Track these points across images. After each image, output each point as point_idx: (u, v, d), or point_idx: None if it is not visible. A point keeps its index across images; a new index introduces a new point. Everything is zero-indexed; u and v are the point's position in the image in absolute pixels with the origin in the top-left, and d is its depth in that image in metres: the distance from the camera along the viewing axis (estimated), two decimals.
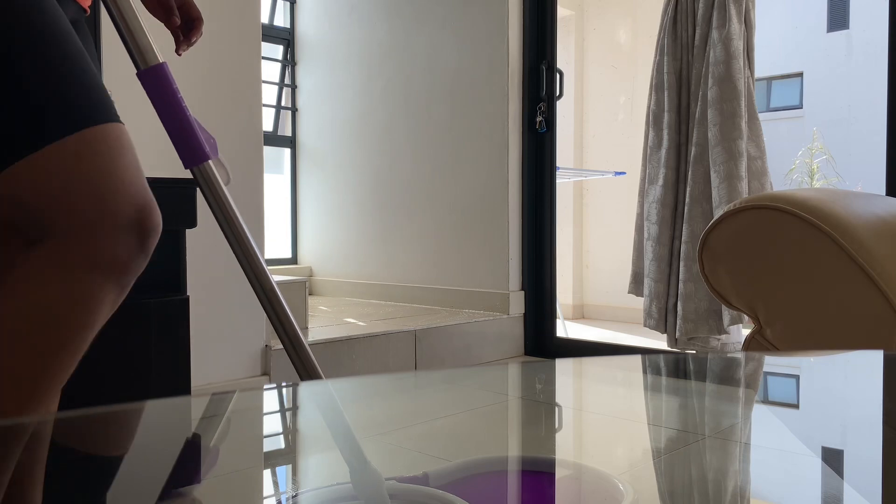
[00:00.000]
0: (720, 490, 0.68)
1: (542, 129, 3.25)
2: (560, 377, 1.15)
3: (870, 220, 1.23)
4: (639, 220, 3.11)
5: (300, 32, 4.22)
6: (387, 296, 3.73)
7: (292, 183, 4.26)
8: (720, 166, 2.75)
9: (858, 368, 1.04)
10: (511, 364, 2.93)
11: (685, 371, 1.04)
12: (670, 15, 2.95)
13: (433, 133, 3.56)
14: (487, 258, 3.36)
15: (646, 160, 3.06)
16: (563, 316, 3.83)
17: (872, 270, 1.14)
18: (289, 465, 0.78)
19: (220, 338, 2.36)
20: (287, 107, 4.25)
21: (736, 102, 2.76)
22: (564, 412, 0.98)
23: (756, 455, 0.78)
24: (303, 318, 2.93)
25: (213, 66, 2.35)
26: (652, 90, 3.01)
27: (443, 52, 3.50)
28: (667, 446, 0.80)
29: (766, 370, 1.08)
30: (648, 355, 2.71)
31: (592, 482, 0.71)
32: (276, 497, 0.69)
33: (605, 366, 1.31)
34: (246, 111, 2.43)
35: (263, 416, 0.88)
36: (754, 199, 1.26)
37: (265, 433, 0.84)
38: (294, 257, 4.26)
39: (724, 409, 0.96)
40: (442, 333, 2.98)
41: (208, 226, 2.33)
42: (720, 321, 2.83)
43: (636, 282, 3.11)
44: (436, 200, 3.56)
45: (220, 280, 2.36)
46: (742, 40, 2.81)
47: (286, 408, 0.92)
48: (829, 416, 0.88)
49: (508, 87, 3.26)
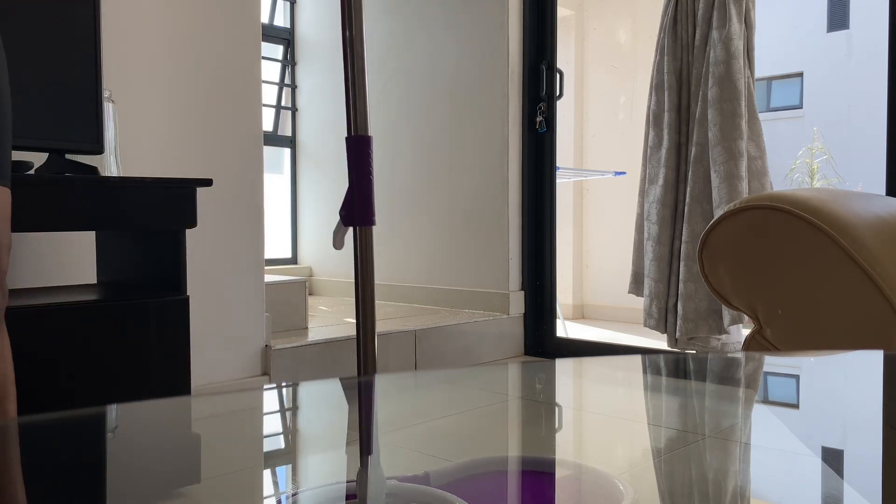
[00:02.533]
0: (720, 490, 0.68)
1: (542, 129, 3.25)
2: (560, 377, 1.15)
3: (870, 220, 1.23)
4: (639, 219, 3.11)
5: (300, 32, 4.22)
6: (387, 296, 3.73)
7: (292, 183, 4.26)
8: (720, 166, 2.75)
9: (858, 368, 1.04)
10: (511, 364, 2.93)
11: (685, 371, 1.04)
12: (670, 15, 2.95)
13: (433, 133, 3.56)
14: (487, 258, 3.36)
15: (646, 160, 3.06)
16: (563, 316, 3.83)
17: (872, 270, 1.14)
18: (289, 464, 0.78)
19: (220, 338, 2.36)
20: (287, 107, 4.25)
21: (736, 102, 2.76)
22: (564, 412, 0.98)
23: (756, 455, 0.78)
24: (303, 318, 2.93)
25: (213, 66, 2.35)
26: (652, 90, 3.01)
27: (443, 52, 3.50)
28: (667, 446, 0.80)
29: (766, 370, 1.08)
30: (648, 355, 2.71)
31: (592, 482, 0.71)
32: (275, 497, 0.69)
33: (605, 366, 1.31)
34: (246, 111, 2.43)
35: (263, 416, 0.88)
36: (754, 199, 1.26)
37: (265, 433, 0.84)
38: (294, 257, 4.26)
39: (724, 409, 0.96)
40: (442, 333, 2.98)
41: (208, 226, 2.33)
42: (720, 321, 2.83)
43: (636, 282, 3.11)
44: (436, 200, 3.56)
45: (220, 280, 2.36)
46: (742, 40, 2.81)
47: (286, 408, 0.92)
48: (829, 416, 0.88)
49: (508, 87, 3.26)
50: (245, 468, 0.72)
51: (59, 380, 1.52)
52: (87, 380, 1.56)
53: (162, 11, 2.24)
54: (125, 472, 0.69)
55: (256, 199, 2.45)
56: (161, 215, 1.66)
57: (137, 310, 1.62)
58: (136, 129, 2.19)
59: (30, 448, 0.66)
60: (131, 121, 2.17)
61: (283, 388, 1.46)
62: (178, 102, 2.28)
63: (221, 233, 2.37)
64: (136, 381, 1.62)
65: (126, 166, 2.13)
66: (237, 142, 2.40)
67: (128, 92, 2.17)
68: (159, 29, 2.24)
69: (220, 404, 0.97)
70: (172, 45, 2.27)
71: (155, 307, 1.64)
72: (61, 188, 1.53)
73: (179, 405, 0.99)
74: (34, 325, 1.47)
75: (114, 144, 1.81)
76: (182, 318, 1.68)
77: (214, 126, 2.36)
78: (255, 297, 2.45)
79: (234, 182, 2.40)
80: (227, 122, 2.38)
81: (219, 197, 2.35)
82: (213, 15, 2.35)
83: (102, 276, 1.96)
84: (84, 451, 0.71)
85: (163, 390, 1.64)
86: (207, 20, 2.34)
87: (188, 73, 2.30)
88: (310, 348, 2.58)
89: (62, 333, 1.52)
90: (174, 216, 1.68)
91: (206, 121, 2.34)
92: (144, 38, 2.21)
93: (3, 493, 0.64)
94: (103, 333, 1.57)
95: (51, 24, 1.62)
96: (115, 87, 2.12)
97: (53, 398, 1.50)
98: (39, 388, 1.48)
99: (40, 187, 1.50)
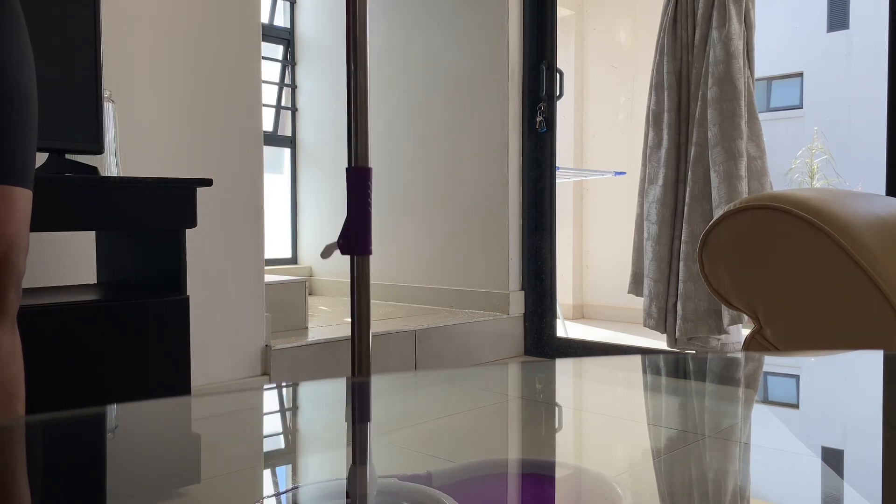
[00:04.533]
0: (720, 490, 0.68)
1: (542, 129, 3.25)
2: (560, 377, 1.15)
3: (870, 220, 1.23)
4: (639, 219, 3.11)
5: (300, 32, 4.22)
6: (387, 296, 3.73)
7: (292, 183, 4.26)
8: (720, 166, 2.75)
9: (858, 368, 1.04)
10: (511, 364, 2.93)
11: (685, 371, 1.04)
12: (670, 15, 2.95)
13: (433, 133, 3.56)
14: (487, 258, 3.36)
15: (646, 160, 3.06)
16: (563, 316, 3.83)
17: (872, 270, 1.14)
18: (289, 464, 0.78)
19: (220, 338, 2.36)
20: (287, 107, 4.25)
21: (736, 102, 2.76)
22: (564, 412, 0.98)
23: (756, 455, 0.78)
24: (303, 318, 2.93)
25: (213, 66, 2.35)
26: (652, 90, 3.01)
27: (443, 52, 3.50)
28: (667, 446, 0.80)
29: (766, 370, 1.08)
30: (648, 355, 2.71)
31: (590, 485, 0.71)
32: (274, 497, 0.69)
33: (605, 366, 1.31)
34: (246, 111, 2.43)
35: (263, 416, 0.88)
36: (754, 198, 1.26)
37: (265, 433, 0.84)
38: (294, 257, 4.26)
39: (724, 409, 0.96)
40: (442, 333, 2.98)
41: (208, 226, 2.33)
42: (720, 321, 2.83)
43: (636, 282, 3.11)
44: (436, 200, 3.56)
45: (220, 280, 2.36)
46: (742, 40, 2.81)
47: (286, 408, 0.92)
48: (829, 416, 0.88)
49: (508, 87, 3.26)
50: (245, 468, 0.72)
51: (59, 380, 1.52)
52: (87, 380, 1.56)
53: (162, 11, 2.24)
54: (125, 472, 0.69)
55: (256, 199, 2.45)
56: (161, 215, 1.66)
57: (137, 310, 1.62)
58: (136, 129, 2.19)
59: (30, 448, 0.66)
60: (131, 121, 2.17)
61: (283, 388, 1.46)
62: (178, 102, 2.28)
63: (221, 233, 2.37)
64: (136, 381, 1.62)
65: (126, 166, 2.13)
66: (237, 142, 2.40)
67: (128, 92, 2.17)
68: (159, 29, 2.24)
69: (220, 404, 0.97)
70: (172, 44, 2.27)
71: (155, 307, 1.64)
72: (61, 188, 1.53)
73: (179, 405, 0.99)
74: (34, 325, 1.47)
75: (114, 144, 1.81)
76: (182, 318, 1.68)
77: (214, 126, 2.36)
78: (255, 297, 2.45)
79: (234, 182, 2.40)
80: (227, 122, 2.38)
81: (219, 197, 2.35)
82: (213, 15, 2.35)
83: (102, 276, 1.96)
84: (84, 451, 0.71)
85: (163, 390, 1.64)
86: (207, 20, 2.34)
87: (188, 73, 2.30)
88: (310, 348, 2.58)
89: (62, 334, 1.52)
90: (174, 216, 1.68)
91: (206, 121, 2.34)
92: (144, 38, 2.21)
93: (10, 492, 0.64)
94: (103, 333, 1.57)
95: (51, 24, 1.62)
96: (115, 87, 2.12)
97: (53, 398, 1.50)
98: (39, 388, 1.48)
99: (40, 187, 1.49)
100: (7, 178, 1.07)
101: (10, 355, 1.11)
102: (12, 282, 1.09)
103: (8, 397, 1.10)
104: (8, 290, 1.09)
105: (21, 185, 1.10)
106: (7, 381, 1.10)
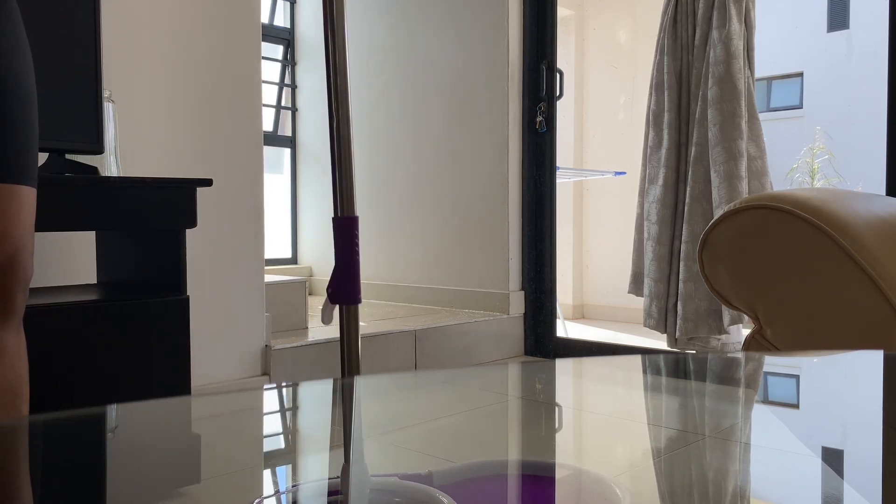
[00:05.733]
0: (720, 490, 0.68)
1: (542, 129, 3.25)
2: (560, 377, 1.15)
3: (870, 220, 1.23)
4: (639, 220, 3.11)
5: (300, 32, 4.22)
6: (387, 296, 3.73)
7: (292, 183, 4.26)
8: (720, 166, 2.75)
9: (858, 368, 1.04)
10: (511, 364, 2.93)
11: (685, 371, 1.04)
12: (670, 15, 2.95)
13: (433, 133, 3.56)
14: (487, 258, 3.36)
15: (646, 160, 3.06)
16: (563, 316, 3.83)
17: (872, 270, 1.14)
18: (288, 464, 0.78)
19: (220, 338, 2.36)
20: (287, 107, 4.25)
21: (736, 102, 2.76)
22: (564, 412, 0.98)
23: (756, 455, 0.78)
24: (303, 318, 2.93)
25: (213, 66, 2.35)
26: (652, 90, 3.01)
27: (443, 52, 3.50)
28: (667, 446, 0.80)
29: (766, 370, 1.08)
30: (648, 355, 2.71)
31: (590, 486, 0.71)
32: (274, 496, 0.69)
33: (605, 366, 1.31)
34: (246, 111, 2.43)
35: (263, 416, 0.88)
36: (754, 198, 1.26)
37: (265, 433, 0.84)
38: (294, 257, 4.26)
39: (724, 409, 0.96)
40: (442, 333, 2.98)
41: (208, 226, 2.33)
42: (720, 321, 2.83)
43: (636, 282, 3.11)
44: (436, 200, 3.56)
45: (220, 280, 2.36)
46: (742, 40, 2.81)
47: (286, 408, 0.92)
48: (829, 416, 0.88)
49: (508, 87, 3.26)
50: (245, 468, 0.72)
51: (59, 380, 1.52)
52: (87, 380, 1.56)
53: (162, 11, 2.24)
54: (125, 472, 0.69)
55: (256, 199, 2.45)
56: (161, 215, 1.66)
57: (137, 310, 1.62)
58: (137, 129, 2.19)
59: (30, 448, 0.66)
60: (131, 121, 2.17)
61: (283, 388, 1.46)
62: (179, 102, 2.28)
63: (221, 233, 2.37)
64: (136, 381, 1.62)
65: (126, 166, 2.13)
66: (237, 142, 2.40)
67: (128, 92, 2.17)
68: (159, 29, 2.24)
69: (220, 404, 0.97)
70: (172, 44, 2.27)
71: (155, 307, 1.64)
72: (61, 188, 1.53)
73: (179, 405, 0.99)
74: (34, 325, 1.47)
75: (114, 144, 1.81)
76: (182, 318, 1.68)
77: (214, 126, 2.36)
78: (255, 297, 2.45)
79: (234, 182, 2.40)
80: (227, 122, 2.38)
81: (219, 197, 2.35)
82: (213, 15, 2.35)
83: (102, 276, 1.96)
84: (84, 451, 0.71)
85: (163, 390, 1.64)
86: (207, 20, 2.34)
87: (188, 73, 2.30)
88: (310, 348, 2.58)
89: (62, 333, 1.52)
90: (174, 216, 1.68)
91: (206, 121, 2.34)
92: (144, 38, 2.21)
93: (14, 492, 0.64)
94: (104, 333, 1.57)
95: (51, 24, 1.62)
96: (115, 87, 2.12)
97: (53, 398, 1.50)
98: (39, 388, 1.48)
99: (41, 188, 1.49)
100: (12, 177, 1.07)
101: (16, 356, 1.11)
102: (21, 283, 1.08)
103: (12, 397, 1.10)
104: (16, 292, 1.08)
105: (26, 184, 1.09)
106: (12, 381, 1.10)
